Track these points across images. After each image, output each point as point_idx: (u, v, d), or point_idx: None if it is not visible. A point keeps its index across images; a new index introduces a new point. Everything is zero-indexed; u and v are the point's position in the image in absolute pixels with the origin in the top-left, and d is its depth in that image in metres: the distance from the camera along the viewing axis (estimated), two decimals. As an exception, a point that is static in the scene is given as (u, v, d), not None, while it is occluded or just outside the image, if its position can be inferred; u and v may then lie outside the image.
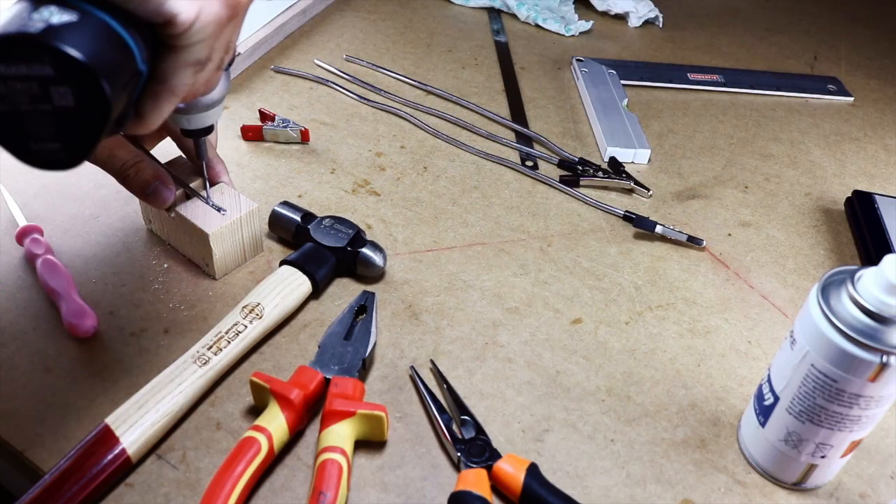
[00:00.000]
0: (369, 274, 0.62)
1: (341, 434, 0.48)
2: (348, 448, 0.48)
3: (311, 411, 0.51)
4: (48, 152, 0.37)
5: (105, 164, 0.56)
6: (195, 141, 0.59)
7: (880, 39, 1.13)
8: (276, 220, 0.64)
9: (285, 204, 0.65)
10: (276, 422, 0.48)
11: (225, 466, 0.46)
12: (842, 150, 0.87)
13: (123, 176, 0.56)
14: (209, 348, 0.53)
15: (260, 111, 0.79)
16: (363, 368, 0.54)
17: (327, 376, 0.52)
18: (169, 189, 0.57)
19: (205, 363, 0.52)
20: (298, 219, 0.64)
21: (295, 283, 0.59)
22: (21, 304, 0.58)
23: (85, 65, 0.34)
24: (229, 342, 0.54)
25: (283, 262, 0.60)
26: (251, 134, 0.77)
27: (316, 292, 0.60)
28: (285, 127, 0.76)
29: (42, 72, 0.35)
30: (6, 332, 0.56)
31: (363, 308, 0.57)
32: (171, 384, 0.50)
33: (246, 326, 0.55)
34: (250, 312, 0.56)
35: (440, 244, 0.68)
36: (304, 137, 0.77)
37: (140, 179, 0.56)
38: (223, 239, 0.60)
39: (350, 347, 0.54)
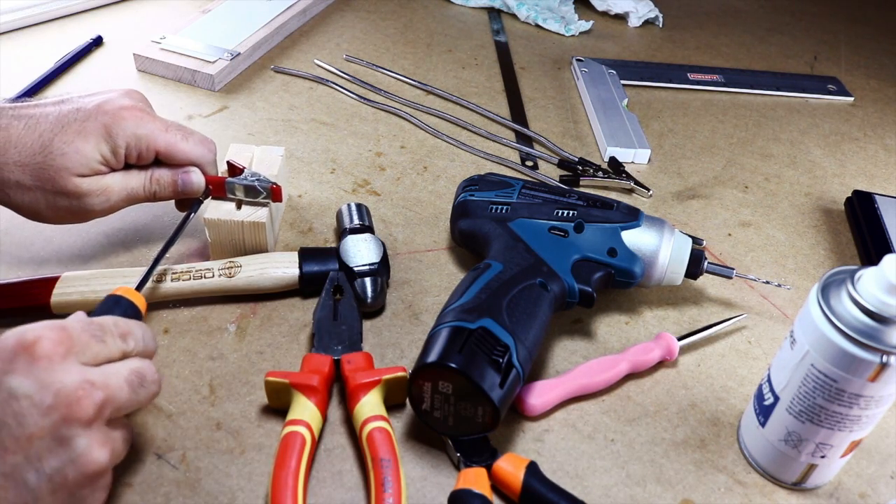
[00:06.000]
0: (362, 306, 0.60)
1: (374, 403, 0.50)
2: (385, 414, 0.49)
3: (329, 394, 0.53)
4: None
5: (132, 202, 0.58)
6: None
7: (880, 39, 1.13)
8: (337, 216, 0.67)
9: (357, 206, 0.66)
10: (307, 411, 0.49)
11: (279, 466, 0.46)
12: (842, 150, 0.87)
13: (151, 193, 0.59)
14: (174, 273, 0.57)
15: (228, 164, 0.62)
16: (362, 341, 0.56)
17: (335, 357, 0.53)
18: (194, 172, 0.59)
19: (158, 280, 0.57)
20: (349, 226, 0.64)
21: (283, 266, 0.59)
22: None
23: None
24: (191, 279, 0.57)
25: (301, 249, 0.61)
26: (214, 189, 0.61)
27: (302, 288, 0.60)
28: (254, 181, 0.60)
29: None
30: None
31: (338, 288, 0.58)
32: (118, 271, 0.57)
33: (214, 276, 0.58)
34: (227, 268, 0.58)
35: (440, 244, 0.68)
36: (276, 196, 0.61)
37: (165, 184, 0.59)
38: (219, 230, 0.60)
39: (343, 326, 0.55)
